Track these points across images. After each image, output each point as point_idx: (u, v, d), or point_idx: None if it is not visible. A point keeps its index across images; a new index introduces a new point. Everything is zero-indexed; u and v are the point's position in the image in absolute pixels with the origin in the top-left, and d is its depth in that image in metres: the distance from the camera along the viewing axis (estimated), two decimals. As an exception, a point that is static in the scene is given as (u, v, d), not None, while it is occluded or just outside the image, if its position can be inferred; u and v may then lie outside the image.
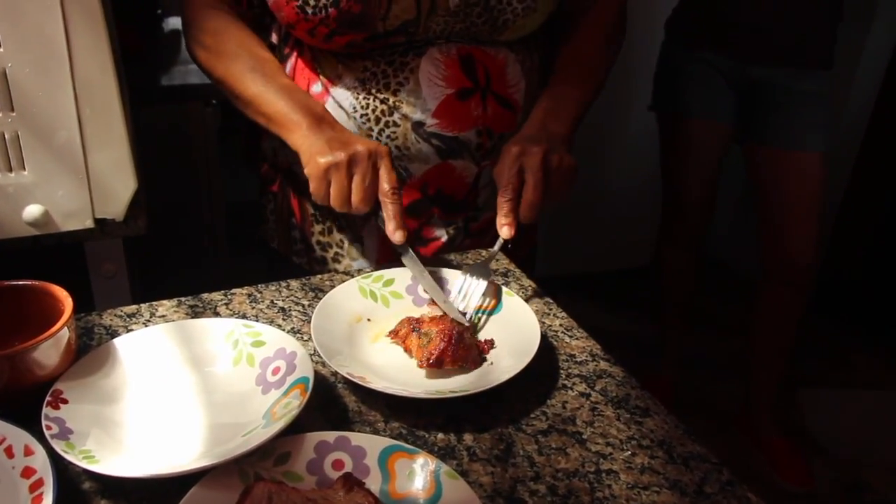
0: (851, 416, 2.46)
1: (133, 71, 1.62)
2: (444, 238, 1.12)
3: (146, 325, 0.88)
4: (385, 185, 0.90)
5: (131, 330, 0.87)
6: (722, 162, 2.02)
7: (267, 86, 0.98)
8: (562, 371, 0.83)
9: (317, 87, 1.06)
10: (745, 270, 2.18)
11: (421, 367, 0.80)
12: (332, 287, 0.93)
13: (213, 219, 1.67)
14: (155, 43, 1.85)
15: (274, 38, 1.12)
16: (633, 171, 2.79)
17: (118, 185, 0.99)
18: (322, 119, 0.95)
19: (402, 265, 0.95)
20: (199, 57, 1.07)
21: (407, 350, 0.84)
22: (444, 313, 0.86)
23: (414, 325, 0.84)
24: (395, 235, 0.89)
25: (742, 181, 2.37)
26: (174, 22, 2.01)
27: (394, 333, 0.86)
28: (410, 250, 0.93)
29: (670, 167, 2.07)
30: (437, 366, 0.79)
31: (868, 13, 2.53)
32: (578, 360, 0.86)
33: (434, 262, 1.03)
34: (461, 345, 0.80)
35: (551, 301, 0.97)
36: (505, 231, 0.92)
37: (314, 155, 0.90)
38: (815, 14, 1.76)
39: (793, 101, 1.81)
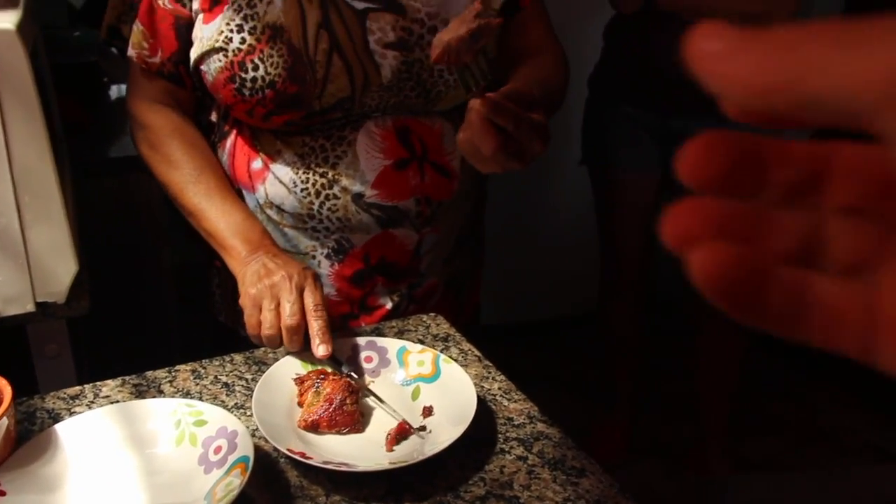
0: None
1: (78, 143, 1.64)
2: (389, 305, 1.15)
3: (90, 407, 0.89)
4: (309, 303, 0.94)
5: (74, 412, 0.87)
6: (655, 210, 2.08)
7: (208, 201, 1.04)
8: (500, 435, 0.86)
9: (257, 164, 1.09)
10: (694, 310, 2.24)
11: (298, 426, 0.84)
12: (276, 360, 0.94)
13: (161, 289, 1.67)
14: (101, 113, 1.87)
15: (214, 116, 1.15)
16: (573, 220, 2.85)
17: (59, 269, 1.00)
18: (258, 245, 1.01)
19: (345, 336, 0.98)
20: (144, 153, 1.11)
21: (300, 403, 0.87)
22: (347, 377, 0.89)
23: (317, 379, 0.87)
24: (319, 350, 0.92)
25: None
26: (121, 89, 2.03)
27: (300, 381, 0.89)
28: (338, 364, 0.94)
29: (603, 218, 2.13)
30: (312, 429, 0.84)
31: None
32: (516, 423, 0.88)
33: (378, 331, 1.06)
34: (340, 411, 0.84)
35: (490, 365, 0.99)
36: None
37: (245, 287, 0.96)
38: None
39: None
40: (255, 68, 0.99)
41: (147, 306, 1.66)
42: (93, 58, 1.89)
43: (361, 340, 0.97)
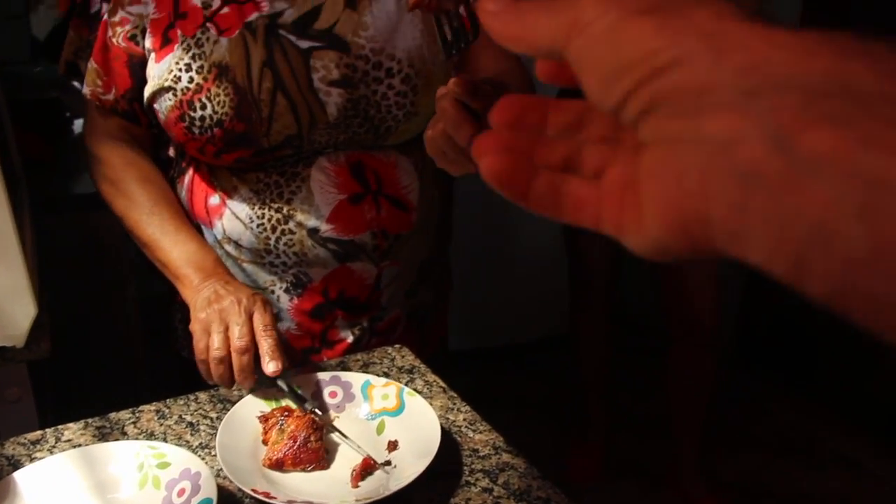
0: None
1: (41, 179, 1.63)
2: (350, 339, 1.15)
3: (51, 452, 0.87)
4: (258, 324, 0.94)
5: (35, 458, 0.86)
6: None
7: (162, 233, 1.05)
8: (465, 467, 0.86)
9: (214, 200, 1.09)
10: (664, 330, 2.26)
11: (263, 464, 0.84)
12: (241, 397, 0.94)
13: (128, 325, 1.66)
14: (64, 148, 1.86)
15: (171, 152, 1.15)
16: (542, 244, 2.87)
17: (17, 313, 0.99)
18: (211, 273, 1.01)
19: (307, 371, 0.97)
20: (101, 188, 1.12)
21: (265, 442, 0.87)
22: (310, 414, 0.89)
23: (281, 417, 0.87)
24: (269, 367, 0.92)
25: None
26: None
27: (264, 419, 0.89)
28: (284, 382, 0.94)
29: (571, 241, 2.15)
30: (277, 467, 0.84)
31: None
32: (482, 454, 0.88)
33: (341, 365, 1.06)
34: (304, 448, 0.84)
35: (455, 396, 1.00)
36: None
37: (195, 312, 0.97)
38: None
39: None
40: (203, 107, 1.00)
41: (113, 342, 1.65)
42: (55, 93, 1.89)
43: (325, 375, 0.97)
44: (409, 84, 1.04)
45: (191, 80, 1.00)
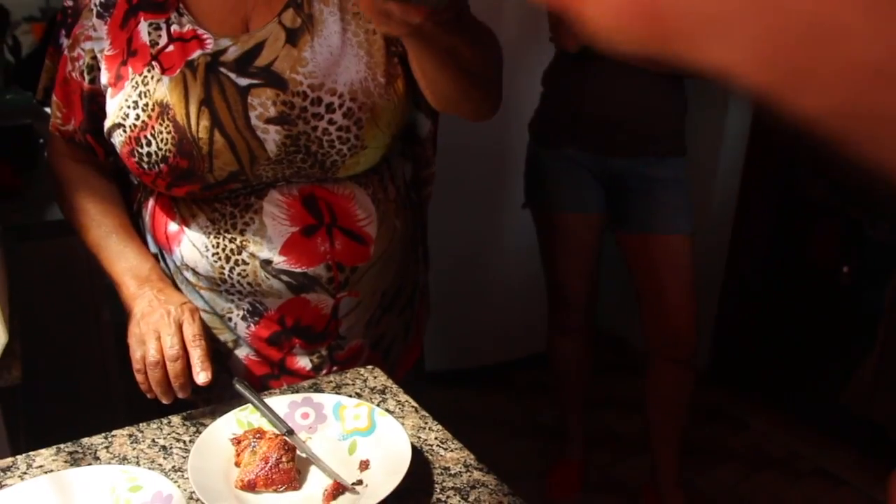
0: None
1: (11, 208, 1.63)
2: (309, 367, 1.14)
3: (22, 479, 0.87)
4: (188, 334, 0.99)
5: (5, 485, 0.86)
6: (599, 249, 2.13)
7: (107, 240, 1.11)
8: (437, 485, 0.87)
9: (173, 227, 1.10)
10: (642, 345, 2.28)
11: (236, 486, 0.85)
12: (214, 420, 0.94)
13: (102, 349, 1.66)
14: (36, 175, 1.85)
15: (135, 179, 1.17)
16: (520, 264, 2.89)
17: (-12, 339, 0.99)
18: (145, 280, 1.07)
19: (281, 392, 0.98)
20: (59, 203, 1.19)
21: (237, 464, 0.88)
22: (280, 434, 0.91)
23: (253, 439, 0.88)
24: (199, 377, 0.96)
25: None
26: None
27: (236, 441, 0.90)
28: (240, 385, 0.99)
29: (548, 259, 2.17)
30: (249, 488, 0.85)
31: (723, 100, 2.74)
32: (453, 472, 0.89)
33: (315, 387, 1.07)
34: (276, 469, 0.85)
35: (427, 415, 1.01)
36: None
37: (130, 327, 1.02)
38: (663, 107, 1.92)
39: (653, 188, 1.95)
40: (149, 143, 1.01)
41: (87, 368, 1.64)
42: (27, 120, 1.89)
43: (298, 397, 0.98)
44: (351, 118, 1.02)
45: (137, 117, 1.01)
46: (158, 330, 0.99)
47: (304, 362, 1.14)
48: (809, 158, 2.85)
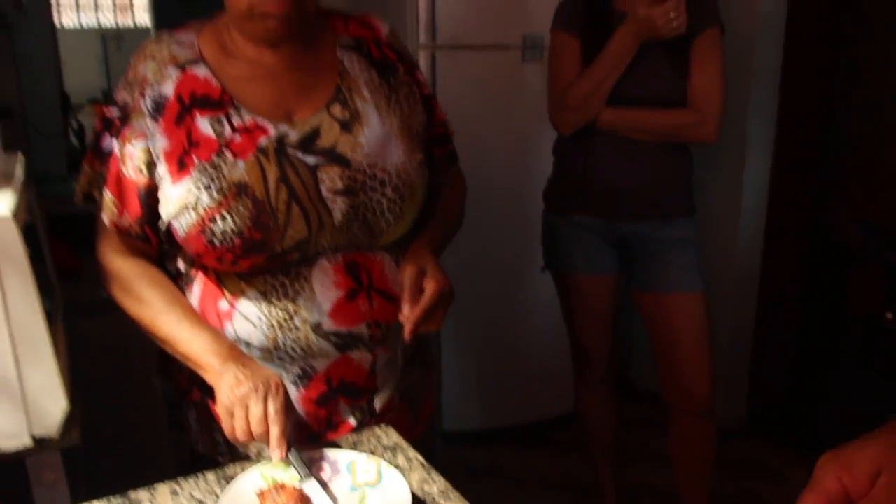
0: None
1: (72, 287, 1.80)
2: (353, 421, 1.28)
3: (79, 529, 1.01)
4: (271, 410, 1.08)
5: (65, 535, 1.00)
6: (615, 306, 2.23)
7: (179, 328, 1.19)
8: (436, 531, 0.98)
9: (223, 305, 1.23)
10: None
11: None
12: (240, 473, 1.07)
13: (153, 415, 1.81)
14: (92, 257, 2.04)
15: (181, 265, 1.30)
16: (547, 325, 2.96)
17: (51, 407, 1.14)
18: (228, 357, 1.15)
19: (311, 448, 1.11)
20: (117, 297, 1.27)
21: None
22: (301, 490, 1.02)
23: (275, 492, 1.00)
24: (273, 454, 1.06)
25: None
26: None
27: (261, 495, 1.01)
28: (297, 458, 1.09)
29: (569, 319, 2.27)
30: None
31: (740, 154, 2.84)
32: (451, 519, 1.00)
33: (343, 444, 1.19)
34: None
35: (431, 468, 1.12)
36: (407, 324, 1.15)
37: (220, 398, 1.11)
38: (666, 172, 2.03)
39: (662, 248, 2.05)
40: (224, 219, 1.14)
41: (139, 431, 1.79)
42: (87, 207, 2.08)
43: (317, 454, 1.10)
44: (398, 193, 1.22)
45: (211, 197, 1.15)
46: (247, 403, 1.08)
47: (347, 417, 1.27)
48: (842, 202, 2.89)
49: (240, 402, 1.09)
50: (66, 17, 8.70)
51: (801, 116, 2.88)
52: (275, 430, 1.07)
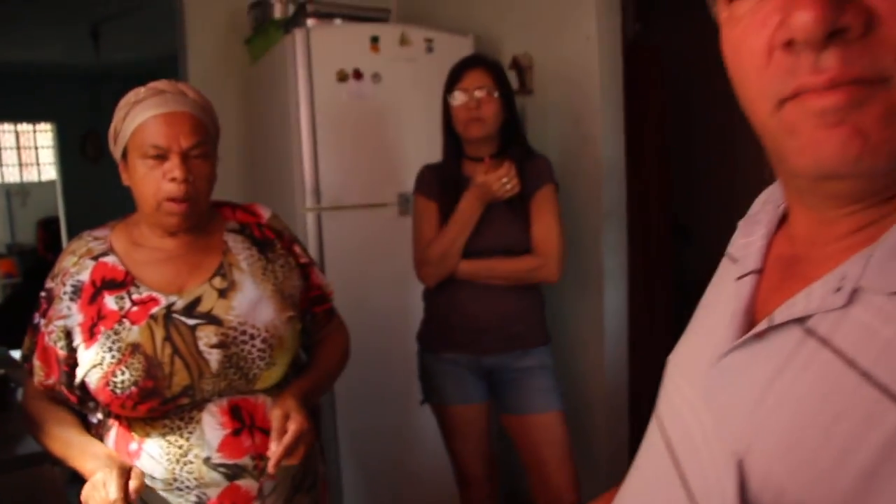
0: None
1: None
2: None
3: None
4: (110, 496, 1.26)
5: None
6: (490, 431, 2.48)
7: (69, 443, 1.47)
8: None
9: (133, 446, 1.48)
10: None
11: None
12: None
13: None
14: (8, 415, 2.21)
15: (100, 415, 1.55)
16: (431, 453, 3.07)
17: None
18: (104, 456, 1.38)
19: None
20: (33, 432, 1.55)
21: None
22: None
23: None
24: None
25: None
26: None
27: None
28: None
29: (449, 446, 2.49)
30: None
31: (598, 286, 3.18)
32: None
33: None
34: None
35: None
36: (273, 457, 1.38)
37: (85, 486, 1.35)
38: (520, 309, 2.34)
39: (523, 375, 2.34)
40: (123, 373, 1.42)
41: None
42: (2, 370, 2.27)
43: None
44: (267, 343, 1.51)
45: (113, 356, 1.43)
46: (105, 482, 1.27)
47: None
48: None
49: (100, 481, 1.31)
50: (-30, 174, 8.80)
51: (647, 247, 3.28)
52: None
